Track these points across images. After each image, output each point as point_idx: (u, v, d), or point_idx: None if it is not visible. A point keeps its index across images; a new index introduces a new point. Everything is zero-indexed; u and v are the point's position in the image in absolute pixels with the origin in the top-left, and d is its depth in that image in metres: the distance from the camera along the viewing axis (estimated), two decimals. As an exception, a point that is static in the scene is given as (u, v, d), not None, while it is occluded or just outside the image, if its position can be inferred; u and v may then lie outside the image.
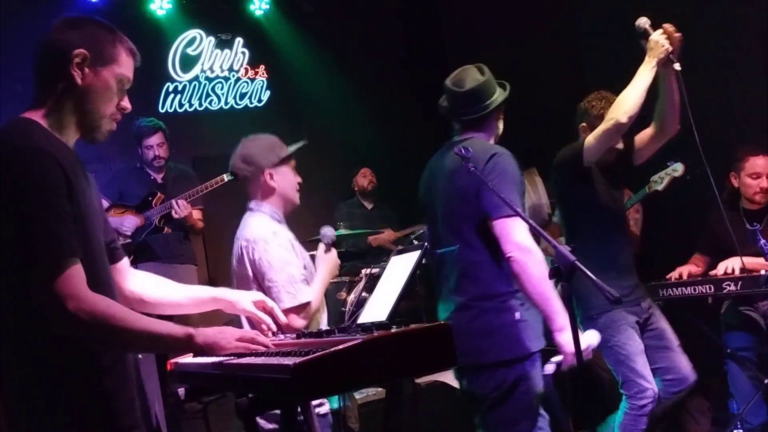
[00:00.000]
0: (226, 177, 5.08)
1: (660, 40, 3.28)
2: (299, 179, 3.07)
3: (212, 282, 6.29)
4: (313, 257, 3.11)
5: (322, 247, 3.00)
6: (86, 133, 1.87)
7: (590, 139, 3.47)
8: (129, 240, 4.85)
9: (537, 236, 2.93)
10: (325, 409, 2.81)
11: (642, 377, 3.46)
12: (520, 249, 2.65)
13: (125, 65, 1.90)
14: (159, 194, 5.13)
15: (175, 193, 5.15)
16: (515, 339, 2.73)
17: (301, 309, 2.74)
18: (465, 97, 2.95)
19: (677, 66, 3.24)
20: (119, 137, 5.82)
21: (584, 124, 3.68)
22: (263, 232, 2.83)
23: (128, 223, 5.01)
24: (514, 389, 2.72)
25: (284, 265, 2.76)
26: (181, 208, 4.94)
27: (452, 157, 2.88)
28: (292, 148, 3.06)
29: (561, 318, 2.63)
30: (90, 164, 5.73)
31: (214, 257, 6.34)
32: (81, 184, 1.77)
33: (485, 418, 2.84)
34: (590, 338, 2.70)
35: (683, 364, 3.57)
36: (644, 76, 3.31)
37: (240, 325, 2.77)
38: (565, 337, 2.62)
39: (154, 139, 5.18)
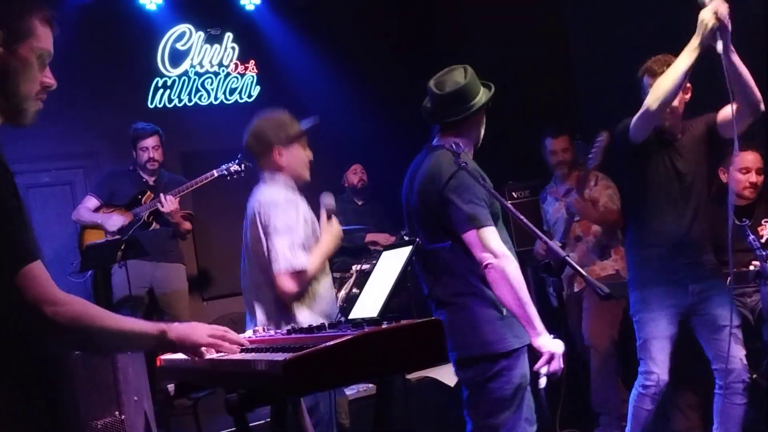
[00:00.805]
0: (216, 172, 5.08)
1: (705, 19, 3.02)
2: (310, 156, 3.19)
3: (204, 280, 6.28)
4: None
5: (324, 215, 3.08)
6: (11, 117, 1.73)
7: (634, 119, 3.40)
8: (117, 236, 4.83)
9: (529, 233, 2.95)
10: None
11: (652, 360, 3.53)
12: (496, 256, 2.67)
13: (43, 37, 1.74)
14: (149, 192, 5.14)
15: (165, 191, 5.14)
16: (499, 335, 2.75)
17: (295, 275, 2.84)
18: (445, 100, 2.91)
19: (719, 46, 2.99)
20: (110, 134, 5.84)
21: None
22: (276, 198, 2.96)
23: (113, 221, 5.02)
24: (495, 380, 2.75)
25: (287, 231, 2.87)
26: (168, 202, 4.94)
27: (431, 159, 2.91)
28: (304, 125, 3.15)
29: (538, 322, 2.67)
30: (79, 160, 5.71)
31: (204, 256, 6.31)
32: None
33: (468, 407, 2.90)
34: (554, 347, 2.68)
35: (733, 354, 3.44)
36: (684, 58, 3.16)
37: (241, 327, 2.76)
38: (544, 340, 2.66)
39: (150, 141, 5.18)
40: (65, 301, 1.60)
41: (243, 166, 5.13)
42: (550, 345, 2.65)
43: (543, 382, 2.69)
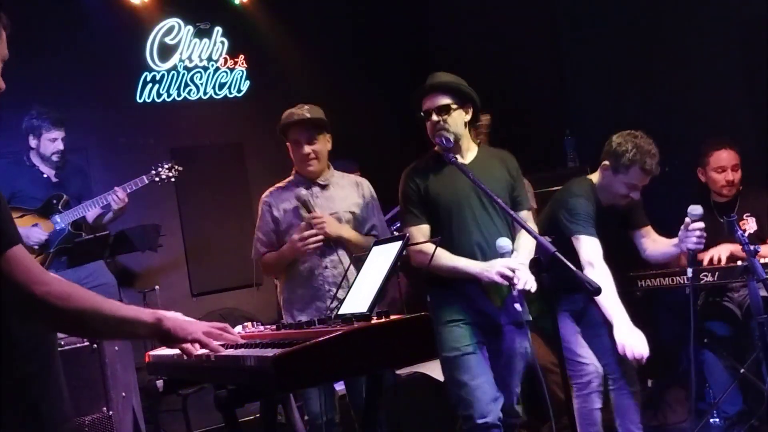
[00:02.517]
0: (146, 178, 4.87)
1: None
2: (304, 151, 3.37)
3: (193, 276, 6.25)
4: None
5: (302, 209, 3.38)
6: None
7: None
8: (106, 232, 4.72)
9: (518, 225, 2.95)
10: None
11: (578, 355, 3.51)
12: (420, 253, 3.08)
13: (4, 43, 1.70)
14: (64, 196, 4.74)
15: (73, 191, 4.83)
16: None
17: (256, 262, 3.46)
18: None
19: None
20: (99, 129, 5.79)
21: (607, 162, 3.52)
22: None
23: (35, 236, 4.58)
24: None
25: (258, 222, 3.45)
26: (120, 198, 4.68)
27: None
28: (281, 124, 3.36)
29: None
30: (67, 154, 5.55)
31: (192, 251, 6.29)
32: None
33: None
34: None
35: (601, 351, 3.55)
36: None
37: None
38: None
39: (60, 132, 4.75)
40: (54, 282, 1.58)
41: (173, 170, 4.97)
42: None
43: None
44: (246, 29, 6.58)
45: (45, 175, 4.79)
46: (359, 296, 2.24)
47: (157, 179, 4.92)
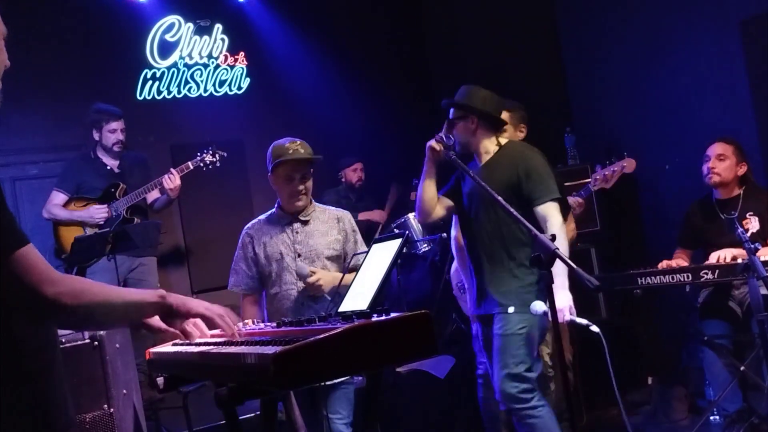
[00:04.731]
0: (191, 164, 5.11)
1: None
2: (297, 187, 3.33)
3: (194, 273, 6.25)
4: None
5: None
6: None
7: None
8: (107, 229, 4.79)
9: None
10: None
11: (480, 352, 3.79)
12: None
13: (1, 20, 1.69)
14: (121, 185, 5.08)
15: (134, 181, 5.11)
16: None
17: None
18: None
19: None
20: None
21: None
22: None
23: (96, 213, 4.98)
24: None
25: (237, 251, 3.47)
26: (173, 179, 4.97)
27: None
28: (278, 160, 3.31)
29: None
30: (67, 152, 5.60)
31: (193, 249, 6.29)
32: None
33: None
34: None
35: None
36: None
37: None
38: None
39: (119, 124, 5.12)
40: (65, 280, 1.57)
41: (217, 156, 5.16)
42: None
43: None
44: (246, 27, 6.58)
45: (108, 167, 5.17)
46: (359, 294, 2.24)
47: (201, 165, 5.15)
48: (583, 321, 2.90)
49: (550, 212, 3.42)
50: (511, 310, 3.39)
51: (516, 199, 3.33)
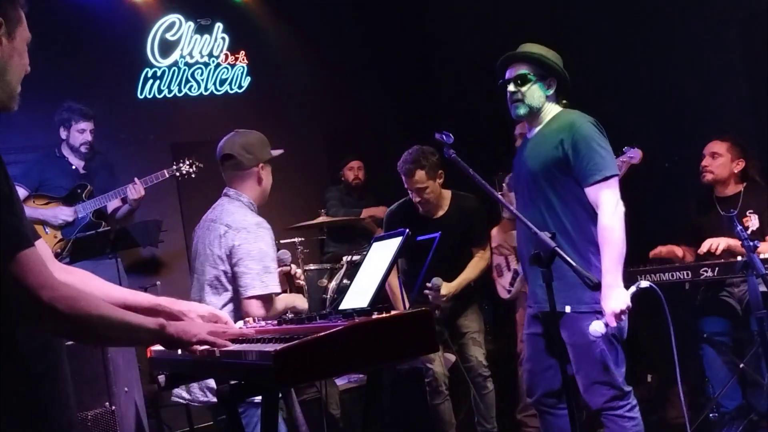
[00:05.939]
0: (167, 173, 5.02)
1: None
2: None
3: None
4: (293, 244, 3.18)
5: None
6: (5, 105, 1.69)
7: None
8: (108, 227, 4.78)
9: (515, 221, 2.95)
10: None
11: (428, 360, 4.00)
12: None
13: (25, 22, 1.70)
14: (88, 186, 4.94)
15: (99, 184, 5.00)
16: None
17: (266, 299, 2.92)
18: None
19: None
20: (100, 125, 5.81)
21: None
22: (247, 223, 2.98)
23: (63, 214, 4.81)
24: None
25: (263, 257, 2.93)
26: (137, 189, 4.85)
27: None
28: (276, 152, 3.22)
29: None
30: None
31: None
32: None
33: None
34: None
35: (472, 354, 4.32)
36: None
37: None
38: None
39: (88, 125, 4.99)
40: (63, 287, 1.55)
41: (194, 167, 5.07)
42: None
43: None
44: (247, 25, 6.58)
45: (74, 167, 5.04)
46: (360, 291, 2.25)
47: (177, 174, 5.06)
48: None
49: (601, 196, 2.96)
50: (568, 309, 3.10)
51: (563, 178, 3.00)
